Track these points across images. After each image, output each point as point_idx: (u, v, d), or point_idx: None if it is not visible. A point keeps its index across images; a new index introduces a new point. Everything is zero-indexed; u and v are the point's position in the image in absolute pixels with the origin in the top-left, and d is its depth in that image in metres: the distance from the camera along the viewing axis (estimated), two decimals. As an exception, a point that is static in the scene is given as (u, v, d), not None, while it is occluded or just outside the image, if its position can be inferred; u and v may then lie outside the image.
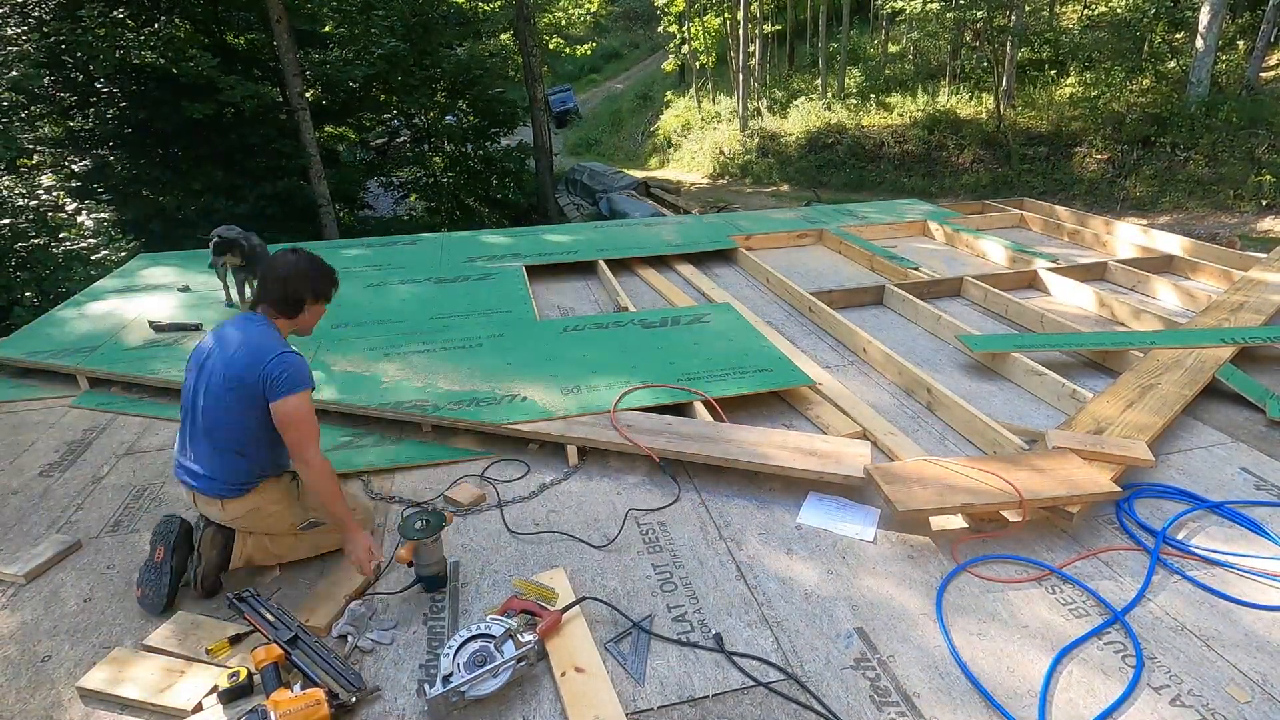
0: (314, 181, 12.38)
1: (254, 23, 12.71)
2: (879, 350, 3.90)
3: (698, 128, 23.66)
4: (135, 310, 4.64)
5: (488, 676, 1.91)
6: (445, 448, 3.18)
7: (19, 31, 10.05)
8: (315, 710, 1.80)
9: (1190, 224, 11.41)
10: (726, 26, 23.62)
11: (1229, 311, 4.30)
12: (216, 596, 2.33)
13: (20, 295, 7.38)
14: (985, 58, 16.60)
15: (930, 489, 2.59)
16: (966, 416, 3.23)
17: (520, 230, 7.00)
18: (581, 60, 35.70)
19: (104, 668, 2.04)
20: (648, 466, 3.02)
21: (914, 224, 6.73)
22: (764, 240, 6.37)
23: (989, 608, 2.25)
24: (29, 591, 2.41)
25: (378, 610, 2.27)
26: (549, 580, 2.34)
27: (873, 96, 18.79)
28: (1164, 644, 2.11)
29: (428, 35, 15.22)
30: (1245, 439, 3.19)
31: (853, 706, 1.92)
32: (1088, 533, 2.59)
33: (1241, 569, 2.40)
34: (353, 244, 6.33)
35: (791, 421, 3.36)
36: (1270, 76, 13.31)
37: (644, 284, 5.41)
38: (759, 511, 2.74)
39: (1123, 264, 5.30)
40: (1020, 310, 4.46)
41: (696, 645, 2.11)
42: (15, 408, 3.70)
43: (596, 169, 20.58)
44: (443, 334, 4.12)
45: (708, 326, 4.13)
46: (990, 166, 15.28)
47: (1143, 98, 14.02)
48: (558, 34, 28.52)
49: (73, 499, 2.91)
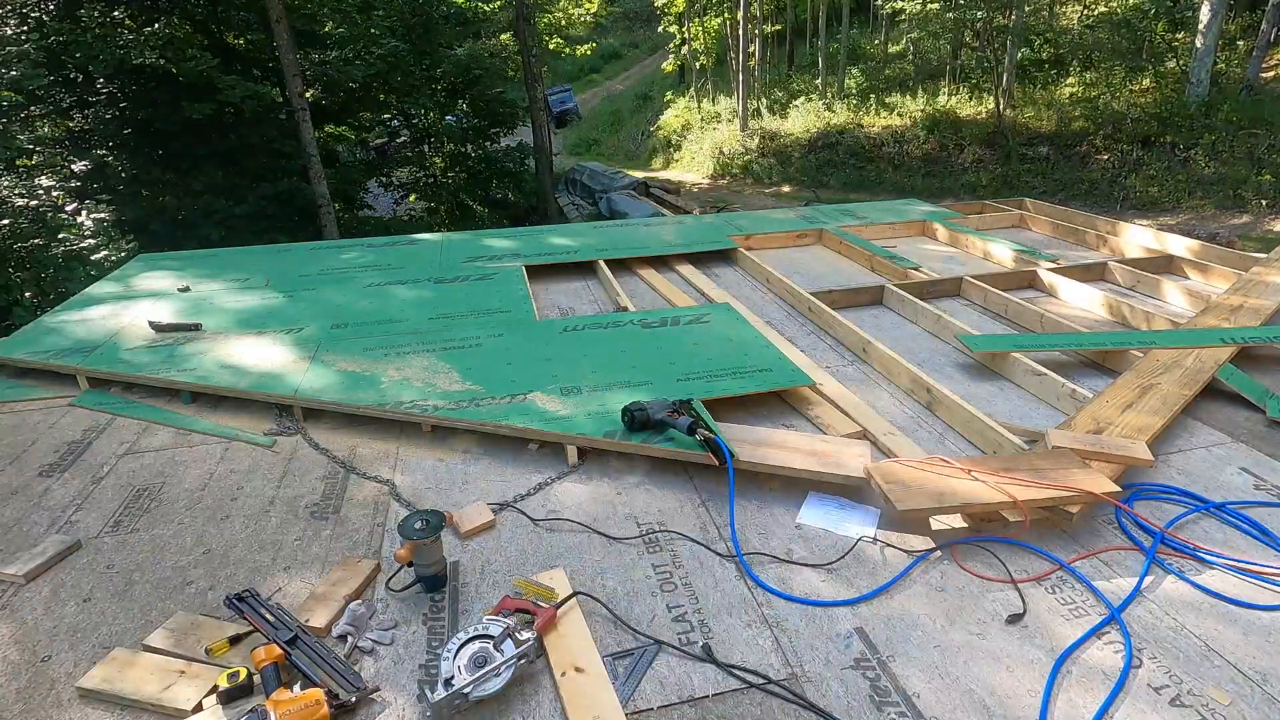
0: (314, 181, 12.38)
1: (254, 23, 12.72)
2: (879, 350, 3.90)
3: (698, 128, 23.67)
4: (135, 310, 4.64)
5: (490, 676, 1.90)
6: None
7: (19, 31, 10.05)
8: (315, 710, 1.80)
9: (1190, 224, 11.42)
10: (726, 27, 23.62)
11: (1229, 311, 4.30)
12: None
13: (20, 295, 7.38)
14: (985, 58, 16.60)
15: (930, 489, 2.59)
16: (966, 416, 3.23)
17: (520, 230, 7.00)
18: (581, 60, 35.74)
19: (104, 668, 2.04)
20: (647, 466, 3.02)
21: (914, 224, 6.73)
22: (764, 240, 6.37)
23: (988, 608, 2.26)
24: (29, 591, 2.41)
25: (378, 610, 2.27)
26: (549, 580, 2.34)
27: (873, 97, 18.81)
28: (1164, 644, 2.11)
29: (428, 35, 15.24)
30: (1245, 439, 3.19)
31: (853, 706, 1.92)
32: (1087, 533, 2.60)
33: (1241, 570, 2.40)
34: (353, 244, 6.33)
35: (791, 421, 3.36)
36: (1270, 76, 13.31)
37: (644, 284, 5.41)
38: (759, 511, 2.74)
39: (1123, 264, 5.30)
40: (1020, 310, 4.46)
41: (689, 654, 2.10)
42: (15, 408, 3.70)
43: (596, 169, 20.60)
44: (442, 334, 4.12)
45: (707, 326, 4.14)
46: (990, 166, 15.29)
47: (1143, 98, 14.03)
48: (557, 34, 28.53)
49: (73, 499, 2.91)
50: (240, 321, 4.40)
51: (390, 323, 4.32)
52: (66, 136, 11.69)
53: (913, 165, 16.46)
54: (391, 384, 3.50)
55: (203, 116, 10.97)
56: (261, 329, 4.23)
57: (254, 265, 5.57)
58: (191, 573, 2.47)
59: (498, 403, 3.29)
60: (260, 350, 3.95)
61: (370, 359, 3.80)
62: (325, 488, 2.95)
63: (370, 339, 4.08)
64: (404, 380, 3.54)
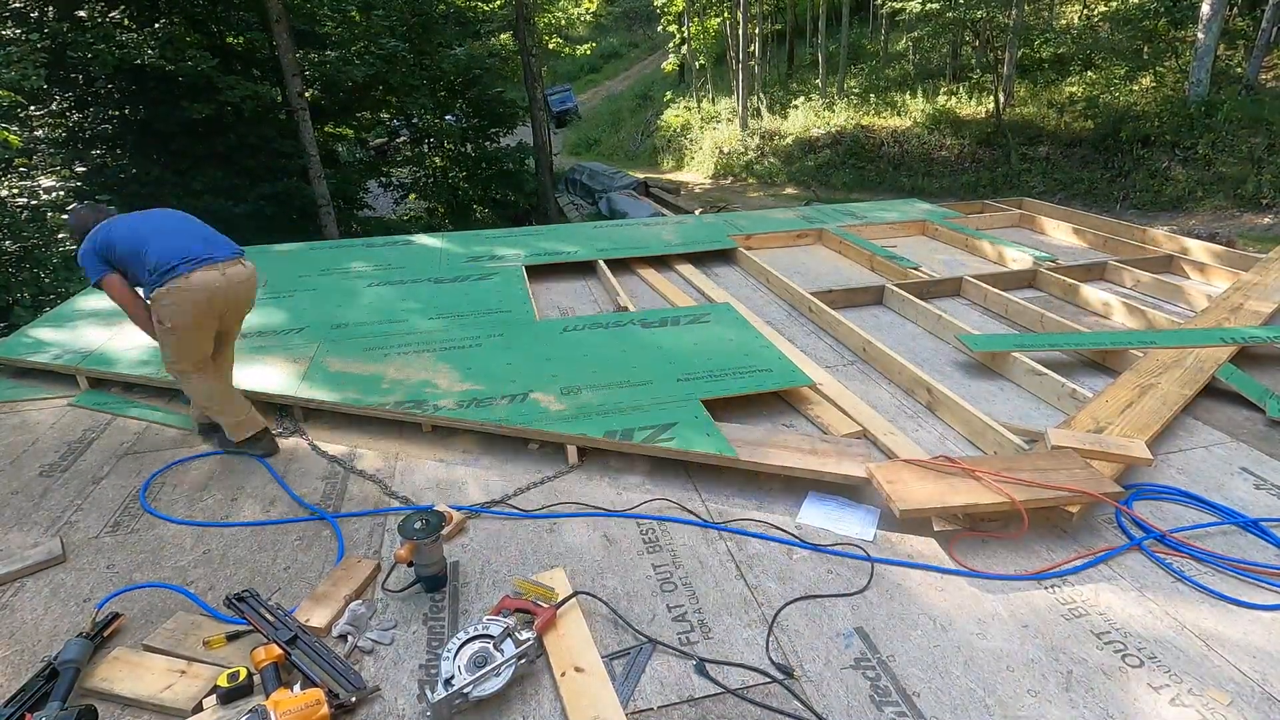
0: (314, 181, 12.38)
1: (253, 23, 12.71)
2: (879, 350, 3.90)
3: (698, 128, 23.67)
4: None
5: (490, 675, 1.90)
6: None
7: (19, 31, 10.04)
8: (315, 710, 1.79)
9: (1190, 223, 11.42)
10: (726, 26, 23.63)
11: (1228, 311, 4.30)
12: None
13: (19, 295, 7.38)
14: (985, 57, 16.60)
15: (931, 489, 2.59)
16: (966, 416, 3.23)
17: (520, 230, 7.00)
18: (581, 60, 35.74)
19: (104, 668, 2.04)
20: (647, 466, 3.02)
21: (914, 224, 6.73)
22: (764, 240, 6.37)
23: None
24: (29, 591, 2.41)
25: (378, 610, 2.27)
26: (549, 580, 2.34)
27: (873, 96, 18.80)
28: (1164, 644, 2.12)
29: (427, 35, 15.23)
30: (1245, 439, 3.19)
31: (853, 706, 1.92)
32: (1087, 533, 2.60)
33: (1241, 570, 2.40)
34: (353, 244, 6.33)
35: (791, 421, 3.36)
36: (1270, 76, 13.31)
37: (644, 284, 5.41)
38: (759, 511, 2.74)
39: (1122, 263, 5.30)
40: (1020, 310, 4.46)
41: (689, 654, 2.10)
42: (15, 408, 3.70)
43: (596, 169, 20.60)
44: (442, 334, 4.12)
45: (708, 326, 4.13)
46: (990, 166, 15.29)
47: (1143, 97, 14.02)
48: (557, 34, 28.53)
49: (73, 499, 2.91)
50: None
51: (390, 323, 4.32)
52: (67, 136, 11.68)
53: (913, 165, 16.45)
54: (391, 384, 3.50)
55: (203, 116, 10.96)
56: (261, 329, 4.22)
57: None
58: (192, 573, 2.47)
59: (498, 403, 3.29)
60: (260, 350, 3.95)
61: (370, 359, 3.80)
62: (325, 488, 2.95)
63: (370, 339, 4.07)
64: (404, 380, 3.53)
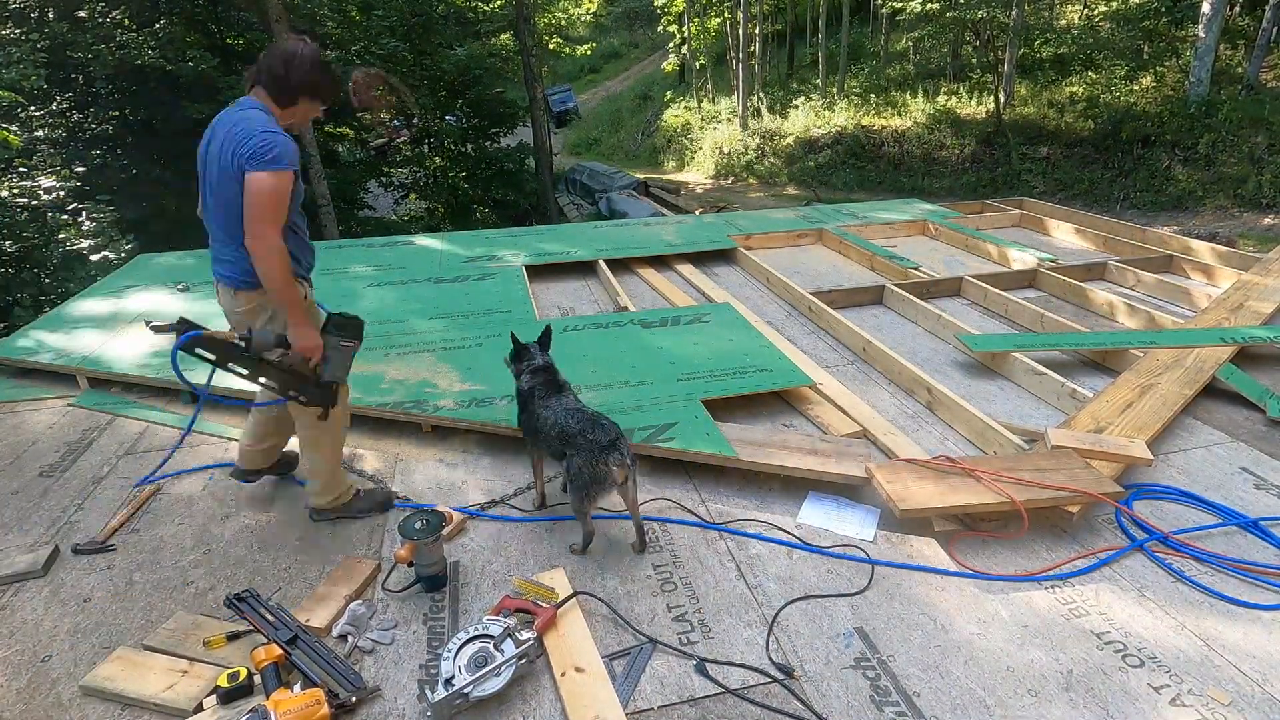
0: (314, 181, 12.37)
1: (253, 23, 12.71)
2: (879, 350, 3.90)
3: (698, 128, 23.65)
4: (135, 310, 4.64)
5: (490, 675, 1.90)
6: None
7: (19, 31, 10.04)
8: (315, 710, 1.79)
9: (1190, 223, 11.41)
10: (726, 26, 23.62)
11: (1229, 311, 4.30)
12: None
13: (20, 295, 7.38)
14: (986, 57, 16.59)
15: (931, 489, 2.59)
16: (966, 416, 3.23)
17: (520, 230, 7.00)
18: (581, 60, 35.69)
19: (105, 667, 2.04)
20: (648, 466, 3.01)
21: (914, 224, 6.73)
22: (764, 240, 6.37)
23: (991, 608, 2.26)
24: (29, 591, 2.41)
25: (378, 610, 2.27)
26: (549, 580, 2.34)
27: (873, 96, 18.79)
28: (1164, 644, 2.11)
29: (427, 35, 15.22)
30: (1245, 438, 3.19)
31: (853, 706, 1.92)
32: (1087, 533, 2.60)
33: (1241, 570, 2.40)
34: (353, 244, 6.32)
35: (791, 421, 3.36)
36: (1271, 76, 13.30)
37: (644, 284, 5.41)
38: (759, 511, 2.74)
39: (1122, 263, 5.30)
40: (1020, 310, 4.46)
41: (689, 654, 2.10)
42: (15, 408, 3.70)
43: (596, 169, 20.58)
44: (442, 334, 4.12)
45: (708, 326, 4.13)
46: (990, 166, 15.28)
47: (1143, 97, 14.02)
48: (557, 34, 28.51)
49: (73, 499, 2.91)
50: (240, 321, 4.39)
51: (390, 323, 4.32)
52: (67, 136, 11.68)
53: (913, 165, 16.44)
54: (391, 384, 3.50)
55: (203, 116, 10.95)
56: (261, 329, 4.22)
57: (254, 265, 5.55)
58: (192, 573, 2.47)
59: (498, 403, 3.29)
60: (260, 350, 3.94)
61: (370, 359, 3.79)
62: (325, 488, 2.95)
63: (370, 339, 4.05)
64: (404, 380, 3.53)
